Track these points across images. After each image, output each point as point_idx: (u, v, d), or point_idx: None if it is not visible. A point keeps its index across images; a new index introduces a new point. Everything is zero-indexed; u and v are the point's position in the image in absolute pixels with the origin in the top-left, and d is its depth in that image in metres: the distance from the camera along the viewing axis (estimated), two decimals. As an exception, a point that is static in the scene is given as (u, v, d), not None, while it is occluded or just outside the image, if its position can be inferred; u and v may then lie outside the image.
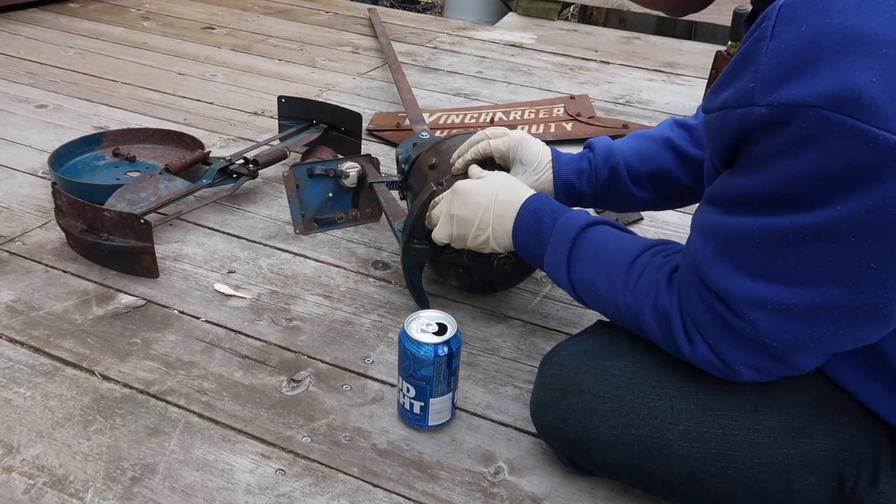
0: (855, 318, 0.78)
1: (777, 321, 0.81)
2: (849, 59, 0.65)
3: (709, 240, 0.85)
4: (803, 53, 0.68)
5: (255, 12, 3.40)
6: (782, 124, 0.71)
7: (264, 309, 1.43)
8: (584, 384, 1.01)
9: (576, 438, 1.02)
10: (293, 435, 1.16)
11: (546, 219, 1.12)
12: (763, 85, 0.71)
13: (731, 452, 0.93)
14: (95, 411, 1.18)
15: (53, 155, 1.80)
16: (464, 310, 1.45)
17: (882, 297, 0.75)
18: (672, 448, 0.95)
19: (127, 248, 1.47)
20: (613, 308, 1.01)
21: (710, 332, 0.88)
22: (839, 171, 0.69)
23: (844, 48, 0.65)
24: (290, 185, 1.62)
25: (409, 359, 1.11)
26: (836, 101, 0.66)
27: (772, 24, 0.71)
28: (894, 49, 0.64)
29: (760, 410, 0.93)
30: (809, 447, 0.91)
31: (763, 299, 0.81)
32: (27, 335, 1.33)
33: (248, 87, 2.54)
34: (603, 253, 1.04)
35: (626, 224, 1.77)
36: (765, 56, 0.71)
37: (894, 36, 0.64)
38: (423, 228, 1.36)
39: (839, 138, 0.67)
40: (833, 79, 0.66)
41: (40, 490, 1.05)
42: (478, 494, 1.08)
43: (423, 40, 3.12)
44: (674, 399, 0.96)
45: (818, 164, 0.70)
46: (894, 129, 0.64)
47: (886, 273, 0.73)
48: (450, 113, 2.34)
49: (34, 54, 2.73)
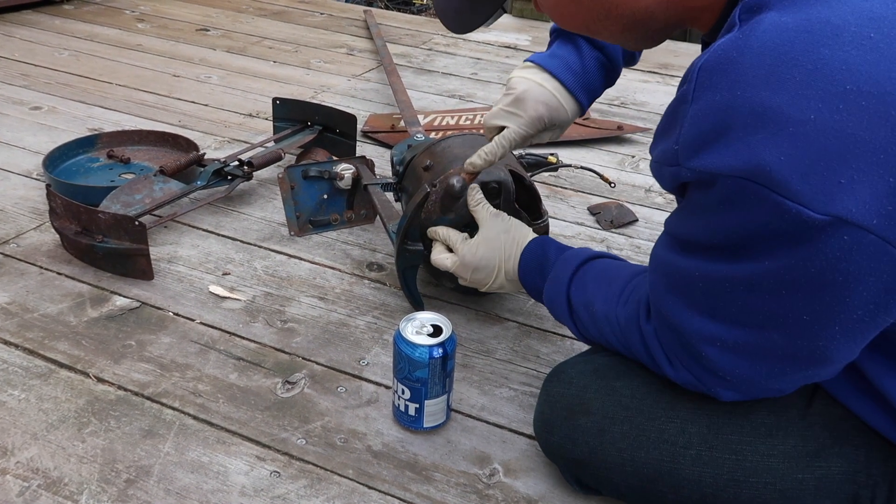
0: (797, 359, 0.80)
1: (728, 358, 0.84)
2: (758, 136, 0.68)
3: (660, 276, 0.88)
4: (717, 124, 0.71)
5: (249, 14, 3.40)
6: (708, 185, 0.74)
7: (259, 311, 1.43)
8: (594, 405, 1.00)
9: (583, 460, 1.01)
10: (288, 437, 1.16)
11: (551, 253, 1.16)
12: (685, 149, 0.74)
13: (745, 478, 0.92)
14: (90, 413, 1.18)
15: (48, 157, 1.79)
16: (459, 311, 1.45)
17: (818, 346, 0.77)
18: (683, 472, 0.94)
19: (121, 250, 1.47)
20: (608, 327, 1.01)
21: (684, 360, 0.89)
22: (761, 232, 0.72)
23: (753, 124, 0.68)
24: (285, 186, 1.62)
25: (403, 360, 1.11)
26: (750, 173, 0.69)
27: (692, 88, 0.73)
28: (799, 128, 0.66)
29: (775, 435, 0.92)
30: (824, 471, 0.90)
31: (712, 337, 0.83)
32: (21, 337, 1.33)
33: (242, 88, 2.54)
34: (603, 277, 1.06)
35: (621, 225, 1.78)
36: (686, 120, 0.74)
37: (799, 115, 0.66)
38: (418, 230, 1.36)
39: (757, 205, 0.70)
40: (745, 154, 0.69)
41: (35, 492, 1.05)
42: (473, 496, 1.08)
43: (417, 42, 3.13)
44: (686, 422, 0.95)
45: (742, 224, 0.73)
46: (805, 203, 0.67)
47: (819, 325, 0.75)
48: (445, 115, 2.34)
49: (28, 56, 2.73)
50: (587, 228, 1.77)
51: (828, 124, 0.66)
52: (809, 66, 0.66)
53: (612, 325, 1.01)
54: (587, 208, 1.85)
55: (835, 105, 0.65)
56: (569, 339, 1.39)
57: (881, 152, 0.65)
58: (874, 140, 0.65)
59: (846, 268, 0.69)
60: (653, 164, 0.83)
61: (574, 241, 1.70)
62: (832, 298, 0.72)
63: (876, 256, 0.68)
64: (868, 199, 0.66)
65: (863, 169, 0.65)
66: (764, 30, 0.69)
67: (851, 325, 0.75)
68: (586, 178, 2.00)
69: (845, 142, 0.65)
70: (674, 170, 0.77)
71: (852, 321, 0.74)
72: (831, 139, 0.66)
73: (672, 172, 0.78)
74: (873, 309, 0.73)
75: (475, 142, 1.45)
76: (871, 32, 0.66)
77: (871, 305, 0.72)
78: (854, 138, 0.65)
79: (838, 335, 0.76)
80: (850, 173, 0.66)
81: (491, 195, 1.33)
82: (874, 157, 0.65)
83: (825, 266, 0.70)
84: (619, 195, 1.92)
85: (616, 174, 2.03)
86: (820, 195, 0.66)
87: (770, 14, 0.70)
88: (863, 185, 0.66)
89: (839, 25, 0.67)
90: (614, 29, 0.88)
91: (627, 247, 1.70)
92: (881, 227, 0.66)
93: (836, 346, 0.77)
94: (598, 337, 1.05)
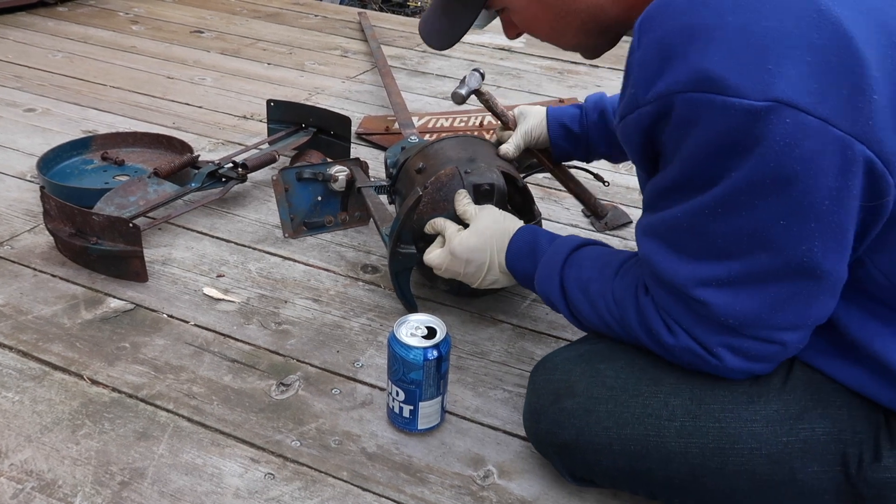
0: (790, 277, 0.84)
1: (726, 296, 0.87)
2: (692, 48, 0.78)
3: (650, 238, 0.92)
4: (660, 52, 0.81)
5: (243, 16, 3.40)
6: (667, 115, 0.82)
7: (253, 313, 1.43)
8: (578, 386, 1.01)
9: (571, 443, 1.02)
10: (282, 439, 1.16)
11: (542, 239, 1.18)
12: (641, 87, 0.84)
13: (730, 446, 0.93)
14: (84, 415, 1.18)
15: (42, 159, 1.79)
16: (453, 313, 1.45)
17: (803, 251, 0.82)
18: (669, 446, 0.95)
19: (116, 252, 1.47)
20: (602, 302, 1.02)
21: (684, 319, 0.91)
22: (720, 143, 0.79)
23: (687, 41, 0.78)
24: (279, 188, 1.62)
25: (398, 362, 1.11)
26: (696, 83, 0.78)
27: (635, 39, 0.85)
28: (722, 32, 0.77)
29: (756, 401, 0.94)
30: (809, 433, 0.92)
31: (707, 278, 0.87)
32: (15, 339, 1.33)
33: (237, 90, 2.54)
34: (598, 259, 1.08)
35: (615, 227, 1.78)
36: (637, 65, 0.84)
37: (719, 22, 0.77)
38: (410, 233, 1.36)
39: (708, 113, 0.78)
40: (686, 67, 0.78)
41: (28, 495, 1.04)
42: (467, 498, 1.08)
43: (412, 44, 3.13)
44: (668, 395, 0.97)
45: (704, 140, 0.80)
46: (745, 94, 0.75)
47: (797, 228, 0.81)
48: (439, 116, 2.34)
49: (22, 58, 2.72)
50: (582, 230, 1.78)
51: (743, 24, 0.76)
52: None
53: (607, 300, 1.02)
54: (581, 210, 1.85)
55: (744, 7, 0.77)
56: (563, 340, 1.39)
57: (792, 37, 0.75)
58: (782, 27, 0.76)
59: (799, 154, 0.76)
60: (618, 126, 0.90)
61: (568, 243, 1.70)
62: (798, 192, 0.78)
63: (819, 137, 0.75)
64: (795, 79, 0.75)
65: (782, 52, 0.75)
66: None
67: (825, 219, 0.79)
68: (581, 179, 2.00)
69: (761, 34, 0.76)
70: (636, 115, 0.85)
71: (824, 213, 0.79)
72: (749, 35, 0.76)
73: (635, 119, 0.86)
74: (837, 195, 0.78)
75: (468, 143, 1.45)
76: None
77: (833, 191, 0.78)
78: (767, 29, 0.76)
79: (816, 233, 0.80)
80: (773, 59, 0.75)
81: (484, 197, 1.33)
82: (787, 41, 0.75)
83: (779, 157, 0.76)
84: (613, 197, 1.92)
85: (610, 176, 2.02)
86: (756, 84, 0.75)
87: None
88: (787, 67, 0.75)
89: None
90: (574, 25, 1.00)
91: (622, 248, 1.70)
92: (814, 106, 0.74)
93: (819, 249, 0.81)
94: (593, 317, 1.05)
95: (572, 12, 0.98)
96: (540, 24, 1.03)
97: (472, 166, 1.36)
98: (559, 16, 0.99)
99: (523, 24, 1.05)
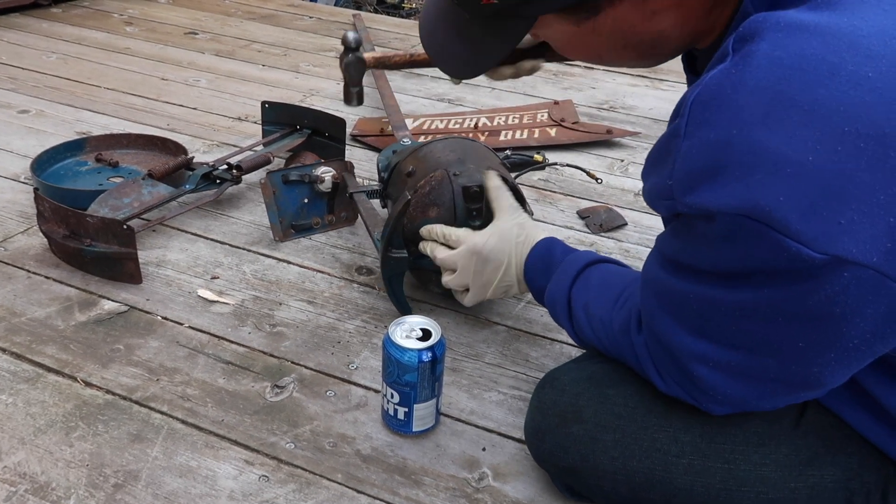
0: (790, 383, 0.81)
1: (719, 377, 0.83)
2: (756, 177, 0.67)
3: (652, 295, 0.88)
4: (713, 161, 0.70)
5: (238, 17, 3.39)
6: (706, 219, 0.73)
7: (248, 315, 1.43)
8: (586, 412, 0.99)
9: (575, 467, 1.00)
10: (277, 441, 1.16)
11: (557, 254, 1.16)
12: (679, 185, 0.73)
13: (737, 488, 0.91)
14: (78, 418, 1.18)
15: (36, 160, 1.79)
16: (448, 315, 1.45)
17: (812, 372, 0.78)
18: (675, 482, 0.94)
19: (110, 254, 1.46)
20: (603, 331, 1.01)
21: (673, 374, 0.89)
22: (760, 267, 0.72)
23: (750, 163, 0.67)
24: (268, 192, 1.62)
25: (393, 364, 1.11)
26: (750, 212, 0.68)
27: (685, 122, 0.72)
28: (797, 169, 0.65)
29: (767, 443, 0.92)
30: (817, 479, 0.90)
31: (703, 356, 0.83)
32: (9, 341, 1.33)
33: (231, 92, 2.53)
34: (603, 281, 1.06)
35: (610, 228, 1.78)
36: (679, 156, 0.72)
37: (796, 156, 0.65)
38: (401, 238, 1.36)
39: (756, 242, 0.69)
40: (743, 193, 0.68)
41: (22, 497, 1.04)
42: (462, 500, 1.08)
43: (406, 45, 3.12)
44: (678, 431, 0.94)
45: (741, 258, 0.73)
46: (805, 242, 0.66)
47: (814, 353, 0.76)
48: (433, 118, 2.34)
49: (16, 59, 2.72)
50: (576, 232, 1.77)
51: (826, 165, 0.65)
52: (806, 107, 0.65)
53: (606, 329, 1.01)
54: (576, 212, 1.85)
55: (833, 146, 0.65)
56: (558, 342, 1.39)
57: (880, 193, 0.65)
58: (873, 181, 0.65)
59: (844, 301, 0.69)
60: (646, 195, 0.83)
61: (563, 245, 1.70)
62: (829, 329, 0.73)
63: (875, 290, 0.68)
64: (868, 239, 0.66)
65: (862, 210, 0.65)
66: (758, 65, 0.68)
67: (847, 353, 0.75)
68: (575, 181, 2.00)
69: (844, 183, 0.65)
70: (669, 203, 0.76)
71: (848, 349, 0.74)
72: (830, 180, 0.65)
73: (667, 206, 0.77)
74: (870, 339, 0.73)
75: (458, 145, 1.44)
76: (868, 72, 0.65)
77: (867, 335, 0.72)
78: (852, 179, 0.65)
79: (833, 362, 0.76)
80: (849, 214, 0.65)
81: (472, 199, 1.33)
82: (873, 198, 0.65)
83: (824, 300, 0.70)
84: (608, 199, 1.92)
85: (605, 178, 2.03)
86: (820, 236, 0.66)
87: (763, 45, 0.68)
88: (862, 225, 0.65)
89: (836, 64, 0.66)
90: (631, 54, 0.87)
91: (616, 250, 1.70)
92: (881, 264, 0.67)
93: (829, 371, 0.77)
94: (594, 339, 1.04)
95: (631, 46, 0.85)
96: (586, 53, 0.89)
97: (461, 168, 1.36)
98: (613, 48, 0.86)
99: (564, 51, 0.91)
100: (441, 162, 1.38)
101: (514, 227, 1.22)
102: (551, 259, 1.16)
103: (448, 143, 1.45)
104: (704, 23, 0.81)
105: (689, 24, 0.81)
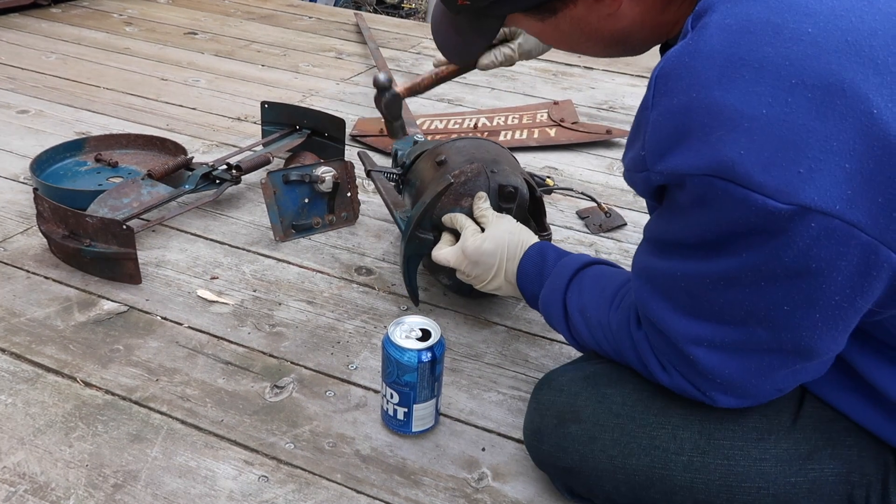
0: (784, 353, 0.82)
1: (715, 357, 0.85)
2: (717, 134, 0.71)
3: (644, 281, 0.90)
4: (678, 126, 0.74)
5: (237, 18, 3.39)
6: (678, 187, 0.77)
7: (247, 315, 1.43)
8: (584, 412, 0.99)
9: (574, 467, 1.00)
10: (276, 441, 1.16)
11: (550, 259, 1.17)
12: (651, 154, 0.78)
13: (737, 484, 0.92)
14: (77, 418, 1.18)
15: (35, 160, 1.79)
16: (448, 316, 1.45)
17: (802, 336, 0.79)
18: (675, 479, 0.94)
19: (109, 254, 1.46)
20: (601, 332, 1.01)
21: (678, 364, 0.90)
22: (734, 228, 0.74)
23: (710, 123, 0.71)
24: (269, 192, 1.62)
25: (392, 365, 1.11)
26: (714, 170, 0.72)
27: (651, 94, 0.77)
28: (753, 123, 0.69)
29: (766, 438, 0.92)
30: (817, 473, 0.90)
31: (698, 337, 0.85)
32: (8, 342, 1.33)
33: (230, 92, 2.53)
34: (597, 283, 1.07)
35: (610, 229, 1.78)
36: (649, 126, 0.77)
37: (751, 111, 0.70)
38: (431, 220, 1.36)
39: (726, 202, 0.73)
40: (707, 152, 0.72)
41: (21, 497, 1.04)
42: (462, 501, 1.08)
43: (406, 46, 3.13)
44: (677, 428, 0.95)
45: (715, 221, 0.76)
46: (769, 194, 0.70)
47: (799, 314, 0.77)
48: (433, 118, 2.34)
49: (15, 59, 2.71)
50: (576, 232, 1.78)
51: (779, 117, 0.69)
52: (756, 64, 0.70)
53: (604, 330, 1.01)
54: (576, 212, 1.86)
55: (783, 98, 0.69)
56: (557, 343, 1.39)
57: (833, 140, 0.68)
58: (824, 129, 0.68)
59: (818, 254, 0.72)
60: (625, 172, 0.86)
61: (563, 246, 1.70)
62: (809, 286, 0.75)
63: (844, 241, 0.70)
64: (828, 186, 0.69)
65: (818, 157, 0.68)
66: (710, 34, 0.73)
67: (831, 312, 0.76)
68: (575, 182, 2.00)
69: (798, 133, 0.69)
70: (643, 175, 0.80)
71: (831, 307, 0.76)
72: (784, 131, 0.69)
73: (642, 178, 0.81)
74: (850, 293, 0.74)
75: (492, 147, 1.47)
76: (808, 28, 0.70)
77: (847, 290, 0.74)
78: (806, 129, 0.68)
79: (819, 323, 0.77)
80: (807, 163, 0.69)
81: (506, 199, 1.34)
82: (827, 145, 0.68)
83: (798, 255, 0.72)
84: (607, 199, 1.92)
85: (604, 178, 2.03)
86: (782, 186, 0.69)
87: (714, 16, 0.74)
88: (821, 173, 0.68)
89: (779, 24, 0.71)
90: (597, 48, 0.93)
91: (616, 251, 1.70)
92: (844, 212, 0.69)
93: (818, 335, 0.79)
94: (592, 342, 1.05)
95: (594, 39, 0.91)
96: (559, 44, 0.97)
97: (497, 167, 1.37)
98: (579, 41, 0.93)
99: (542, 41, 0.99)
100: (476, 157, 1.39)
101: (506, 234, 1.24)
102: (544, 264, 1.17)
103: (482, 143, 1.47)
104: (666, 15, 0.86)
105: (648, 20, 0.87)
